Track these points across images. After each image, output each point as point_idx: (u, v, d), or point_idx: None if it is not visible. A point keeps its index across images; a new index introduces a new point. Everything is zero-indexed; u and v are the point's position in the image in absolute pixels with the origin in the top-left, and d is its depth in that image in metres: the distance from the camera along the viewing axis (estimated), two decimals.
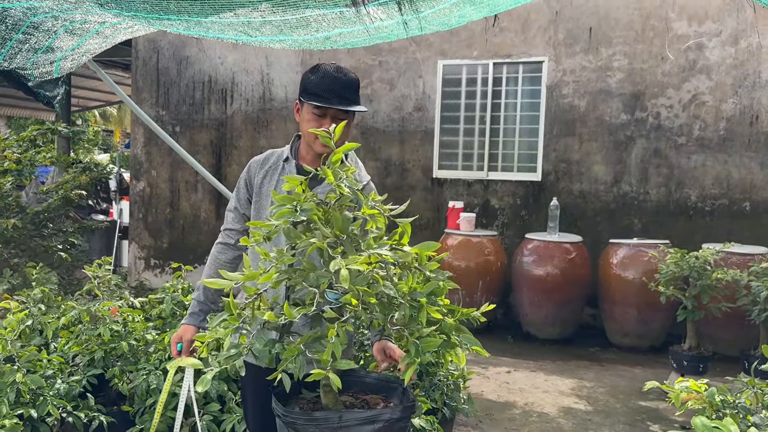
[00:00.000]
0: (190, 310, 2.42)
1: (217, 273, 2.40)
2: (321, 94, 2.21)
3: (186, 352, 2.37)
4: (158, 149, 8.46)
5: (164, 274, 8.47)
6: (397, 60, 7.49)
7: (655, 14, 6.61)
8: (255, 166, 2.41)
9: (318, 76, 2.24)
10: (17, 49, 4.12)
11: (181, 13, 2.89)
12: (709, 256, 4.77)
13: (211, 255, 2.45)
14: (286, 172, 2.34)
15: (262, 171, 2.38)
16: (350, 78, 2.26)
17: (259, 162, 2.42)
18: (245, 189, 2.41)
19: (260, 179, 2.37)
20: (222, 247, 2.44)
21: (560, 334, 6.37)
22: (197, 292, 2.42)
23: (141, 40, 8.30)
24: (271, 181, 2.35)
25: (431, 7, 2.76)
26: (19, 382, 2.93)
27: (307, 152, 2.36)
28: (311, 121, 2.25)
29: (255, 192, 2.37)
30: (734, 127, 6.43)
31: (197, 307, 2.40)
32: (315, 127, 2.21)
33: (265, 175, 2.37)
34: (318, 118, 2.24)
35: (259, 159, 2.43)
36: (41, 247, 5.69)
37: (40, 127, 5.92)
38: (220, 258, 2.42)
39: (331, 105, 2.20)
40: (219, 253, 2.43)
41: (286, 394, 1.76)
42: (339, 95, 2.21)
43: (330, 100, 2.20)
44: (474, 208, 7.22)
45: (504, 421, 4.36)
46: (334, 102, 2.20)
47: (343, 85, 2.23)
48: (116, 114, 23.34)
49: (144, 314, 3.90)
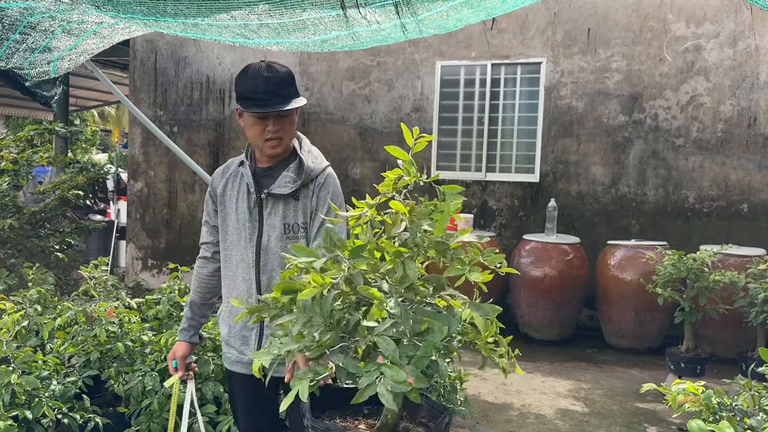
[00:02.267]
0: (180, 327, 2.49)
1: (201, 287, 2.47)
2: (256, 98, 2.17)
3: (182, 368, 2.42)
4: (156, 149, 8.45)
5: (161, 274, 8.46)
6: (395, 61, 7.49)
7: (653, 15, 6.61)
8: (217, 177, 2.43)
9: (250, 79, 2.20)
10: (14, 49, 4.11)
11: (178, 15, 2.88)
12: (706, 257, 4.77)
13: (194, 271, 2.51)
14: (244, 176, 2.34)
15: (223, 180, 2.39)
16: (282, 74, 2.22)
17: (219, 172, 2.44)
18: (211, 201, 2.43)
19: (221, 188, 2.38)
20: (201, 262, 2.48)
21: (558, 335, 6.36)
22: (186, 309, 2.49)
23: (139, 40, 8.29)
24: (234, 188, 2.35)
25: (429, 10, 2.76)
26: (15, 383, 2.92)
27: (261, 154, 2.35)
28: (255, 126, 2.23)
29: (219, 201, 2.38)
30: (732, 129, 6.44)
31: (186, 323, 2.47)
32: (259, 131, 2.22)
33: (226, 183, 2.37)
34: (260, 122, 2.21)
35: (220, 170, 2.45)
36: (38, 248, 5.67)
37: (37, 127, 5.91)
38: (202, 272, 2.47)
39: (268, 109, 2.17)
40: (200, 267, 2.48)
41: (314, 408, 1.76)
42: (275, 94, 2.17)
43: (267, 103, 2.17)
44: (472, 209, 7.21)
45: (501, 422, 4.36)
46: (271, 104, 2.17)
47: (278, 83, 2.19)
48: (114, 114, 23.34)
49: (140, 315, 3.89)
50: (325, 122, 7.80)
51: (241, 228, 2.31)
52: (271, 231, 2.28)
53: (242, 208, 2.31)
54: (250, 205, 2.29)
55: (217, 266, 2.43)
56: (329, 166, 2.38)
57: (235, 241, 2.32)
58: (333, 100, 7.77)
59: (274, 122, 2.20)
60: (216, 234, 2.43)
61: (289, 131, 2.27)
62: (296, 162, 2.31)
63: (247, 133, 2.29)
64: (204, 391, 3.16)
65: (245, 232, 2.30)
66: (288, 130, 2.26)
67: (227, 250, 2.36)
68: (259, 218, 2.29)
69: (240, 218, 2.31)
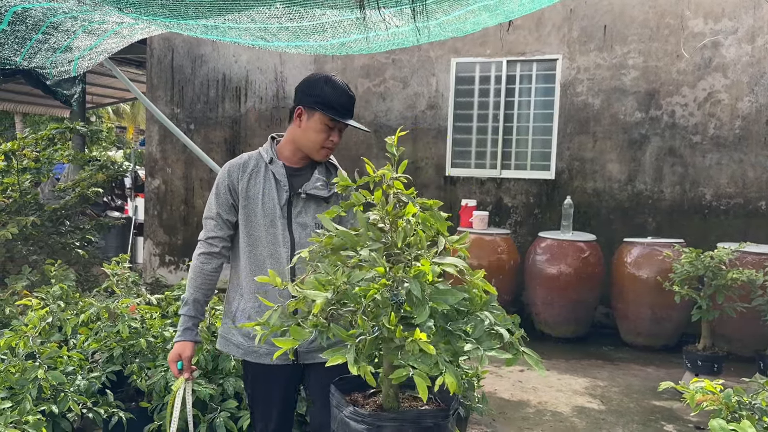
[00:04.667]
0: (183, 327, 2.40)
1: (205, 284, 2.41)
2: (338, 109, 2.32)
3: (187, 369, 2.39)
4: (173, 147, 8.53)
5: (179, 270, 8.54)
6: (410, 58, 7.50)
7: (670, 12, 6.57)
8: (236, 170, 2.41)
9: (335, 90, 2.33)
10: (37, 49, 4.18)
11: (199, 17, 2.91)
12: (724, 255, 4.74)
13: (194, 267, 2.43)
14: (271, 173, 2.37)
15: (245, 175, 2.39)
16: (354, 96, 2.42)
17: (239, 166, 2.42)
18: (228, 194, 2.40)
19: (245, 183, 2.38)
20: (205, 258, 2.42)
21: (573, 332, 6.36)
22: (186, 307, 2.41)
23: (156, 38, 8.36)
24: (258, 184, 2.38)
25: (447, 14, 2.77)
26: (41, 378, 2.98)
27: (293, 154, 2.41)
28: (321, 132, 2.34)
29: (242, 197, 2.38)
30: (750, 126, 6.39)
31: (189, 322, 2.40)
32: (324, 138, 2.34)
33: (249, 179, 2.39)
34: (329, 130, 2.34)
35: (239, 163, 2.43)
36: (59, 244, 5.75)
37: (58, 126, 5.98)
38: (205, 268, 2.41)
39: (347, 120, 2.35)
40: (203, 264, 2.41)
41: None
42: (350, 111, 2.37)
43: (345, 116, 2.35)
44: (487, 207, 7.22)
45: (518, 420, 4.38)
46: (347, 117, 2.36)
47: (353, 103, 2.38)
48: (129, 111, 23.50)
49: (161, 311, 3.94)
50: None
51: (269, 224, 2.34)
52: (301, 229, 2.34)
53: (270, 204, 2.35)
54: (281, 203, 2.34)
55: (222, 262, 2.43)
56: None
57: (263, 238, 2.35)
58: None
59: (338, 135, 2.39)
60: (228, 228, 2.41)
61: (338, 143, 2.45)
62: (323, 166, 2.44)
63: (307, 136, 2.36)
64: (225, 387, 3.21)
65: (275, 229, 2.34)
66: (338, 143, 2.44)
67: (251, 245, 2.37)
68: (288, 216, 2.34)
69: (268, 214, 2.34)
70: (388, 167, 1.82)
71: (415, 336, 1.48)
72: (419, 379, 1.49)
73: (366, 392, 1.89)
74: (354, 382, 1.89)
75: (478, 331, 1.59)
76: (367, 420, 1.67)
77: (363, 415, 1.68)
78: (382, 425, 1.67)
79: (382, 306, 1.55)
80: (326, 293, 1.58)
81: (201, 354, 3.28)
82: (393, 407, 1.74)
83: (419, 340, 1.47)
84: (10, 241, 5.31)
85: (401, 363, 1.54)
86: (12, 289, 4.71)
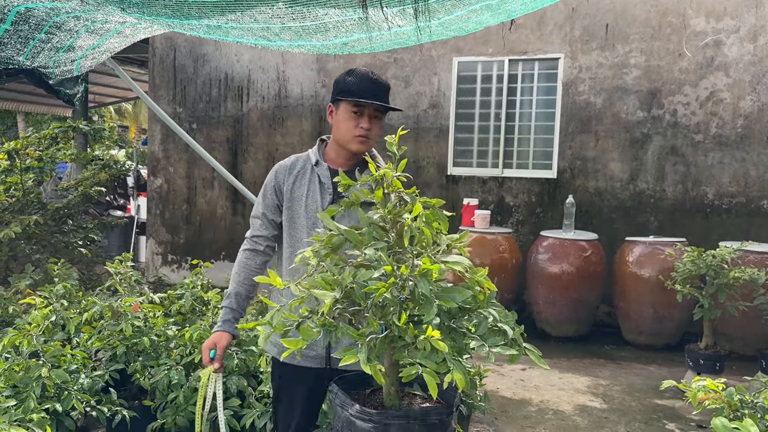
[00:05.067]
0: (223, 318, 2.43)
1: (248, 279, 2.43)
2: (360, 93, 2.29)
3: (219, 360, 2.39)
4: (175, 146, 8.54)
5: (181, 269, 8.56)
6: (412, 57, 7.50)
7: (672, 11, 6.57)
8: (283, 171, 2.44)
9: (355, 77, 2.32)
10: (40, 49, 4.19)
11: (202, 17, 2.92)
12: (726, 254, 4.75)
13: (239, 262, 2.47)
14: (317, 175, 2.38)
15: (291, 176, 2.41)
16: (385, 82, 2.36)
17: (287, 167, 2.44)
18: (274, 195, 2.43)
19: (290, 185, 2.40)
20: (250, 254, 2.45)
21: (575, 331, 6.37)
22: (228, 300, 2.44)
23: (158, 37, 8.37)
24: (302, 186, 2.38)
25: (449, 13, 2.78)
26: (45, 376, 2.99)
27: (338, 155, 2.41)
28: (349, 120, 2.32)
29: (286, 198, 2.40)
30: (752, 125, 6.39)
31: (230, 314, 2.42)
32: (353, 126, 2.31)
33: (294, 181, 2.40)
34: (356, 117, 2.31)
35: (287, 164, 2.46)
36: (62, 243, 5.77)
37: (61, 125, 5.99)
38: (250, 264, 2.44)
39: (372, 101, 2.28)
40: (248, 259, 2.45)
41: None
42: (375, 95, 2.30)
43: (368, 99, 2.29)
44: (489, 206, 7.22)
45: (520, 418, 4.38)
46: (370, 100, 2.29)
47: (379, 88, 2.32)
48: (131, 110, 23.53)
49: (164, 310, 3.96)
50: None
51: (311, 226, 2.34)
52: None
53: (313, 206, 2.35)
54: (324, 205, 2.33)
55: (266, 260, 2.44)
56: None
57: (304, 239, 2.34)
58: None
59: (368, 121, 2.32)
60: (273, 228, 2.44)
61: (376, 135, 2.39)
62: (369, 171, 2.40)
63: (339, 128, 2.35)
64: (228, 385, 3.21)
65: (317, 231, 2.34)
66: (375, 133, 2.38)
67: (293, 246, 2.37)
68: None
69: (310, 216, 2.35)
70: (389, 166, 1.83)
71: (428, 334, 1.49)
72: (428, 376, 1.50)
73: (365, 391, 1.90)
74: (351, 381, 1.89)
75: (482, 328, 1.59)
76: (374, 419, 1.67)
77: (370, 413, 1.68)
78: (390, 423, 1.67)
79: (390, 304, 1.56)
80: (334, 293, 1.58)
81: None
82: (394, 405, 1.74)
83: (431, 337, 1.48)
84: (14, 240, 5.32)
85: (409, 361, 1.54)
86: (15, 288, 4.72)
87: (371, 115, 2.33)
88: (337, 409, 1.80)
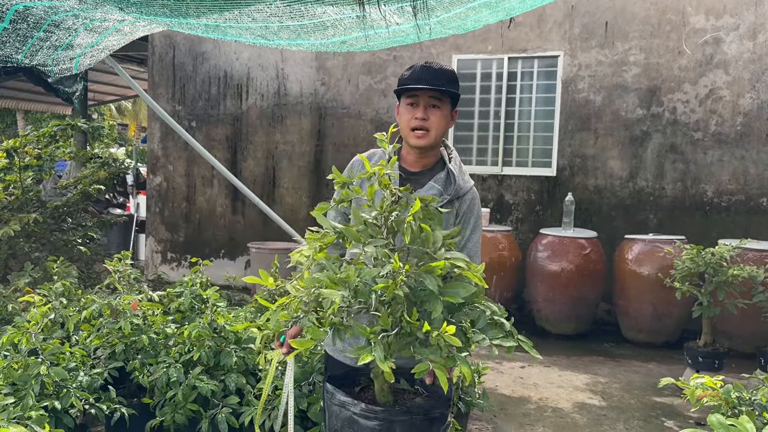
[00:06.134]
0: None
1: None
2: (410, 82, 2.21)
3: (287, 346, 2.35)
4: (175, 144, 8.54)
5: (181, 267, 8.56)
6: (411, 55, 7.49)
7: (672, 8, 6.57)
8: (357, 165, 2.35)
9: (408, 70, 2.25)
10: (38, 47, 4.18)
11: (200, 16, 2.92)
12: (725, 252, 4.75)
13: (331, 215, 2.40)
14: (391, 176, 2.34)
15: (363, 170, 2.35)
16: (442, 68, 2.24)
17: (362, 162, 2.35)
18: None
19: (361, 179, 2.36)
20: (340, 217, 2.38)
21: (575, 329, 6.37)
22: None
23: (157, 35, 8.37)
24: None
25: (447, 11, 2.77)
26: (44, 374, 2.99)
27: (408, 153, 2.33)
28: (406, 113, 2.24)
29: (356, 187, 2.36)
30: (751, 122, 6.39)
31: None
32: (408, 119, 2.21)
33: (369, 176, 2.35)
34: (411, 109, 2.23)
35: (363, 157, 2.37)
36: (61, 241, 5.76)
37: (60, 123, 5.98)
38: None
39: (417, 85, 2.17)
40: None
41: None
42: (428, 82, 2.18)
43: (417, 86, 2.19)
44: (488, 204, 7.22)
45: (518, 416, 4.39)
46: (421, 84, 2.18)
47: (434, 74, 2.21)
48: (131, 108, 23.53)
49: (163, 308, 3.95)
50: (341, 117, 7.84)
51: None
52: None
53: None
54: None
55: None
56: (474, 186, 2.35)
57: None
58: (350, 95, 7.80)
59: (423, 111, 2.20)
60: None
61: (438, 126, 2.23)
62: (444, 173, 2.29)
63: (400, 123, 2.28)
64: (227, 383, 3.22)
65: None
66: (436, 124, 2.23)
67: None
68: None
69: None
70: (383, 163, 1.83)
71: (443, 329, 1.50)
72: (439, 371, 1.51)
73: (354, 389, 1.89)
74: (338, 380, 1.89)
75: (482, 322, 1.61)
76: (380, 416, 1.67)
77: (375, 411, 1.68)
78: (395, 420, 1.68)
79: (399, 301, 1.56)
80: (342, 291, 1.58)
81: (203, 350, 3.29)
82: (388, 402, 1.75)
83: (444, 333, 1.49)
84: (13, 238, 5.32)
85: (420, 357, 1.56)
86: (14, 286, 4.72)
87: (427, 104, 2.21)
88: (334, 409, 1.80)
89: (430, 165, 2.32)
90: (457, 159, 2.37)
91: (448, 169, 2.28)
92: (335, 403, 1.80)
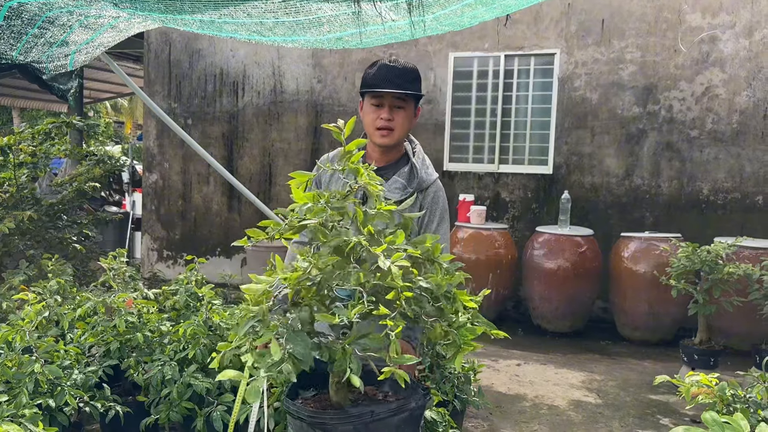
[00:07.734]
0: None
1: None
2: (376, 84, 2.24)
3: None
4: (170, 142, 8.52)
5: (177, 265, 8.54)
6: (407, 52, 7.48)
7: (668, 6, 6.57)
8: (323, 163, 2.37)
9: (372, 68, 2.28)
10: (33, 44, 4.16)
11: (195, 12, 2.91)
12: (721, 250, 4.75)
13: (288, 254, 2.43)
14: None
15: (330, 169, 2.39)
16: (406, 67, 2.27)
17: (328, 159, 2.41)
18: (315, 187, 2.41)
19: (329, 177, 2.37)
20: (296, 245, 2.41)
21: (570, 327, 6.38)
22: None
23: (153, 32, 8.34)
24: (339, 180, 2.34)
25: (443, 8, 2.77)
26: (38, 372, 2.98)
27: (373, 150, 2.37)
28: (370, 113, 2.29)
29: (324, 188, 2.37)
30: (747, 120, 6.39)
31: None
32: (373, 119, 2.26)
33: (333, 173, 2.36)
34: (376, 109, 2.27)
35: (330, 156, 2.43)
36: (56, 239, 5.74)
37: (55, 120, 5.96)
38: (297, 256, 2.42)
39: (382, 89, 2.21)
40: (293, 251, 2.41)
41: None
42: (393, 83, 2.22)
43: (383, 86, 2.23)
44: (484, 201, 7.22)
45: (514, 413, 4.39)
46: (386, 87, 2.22)
47: (398, 74, 2.24)
48: (127, 105, 23.47)
49: (158, 306, 3.94)
50: (338, 114, 7.82)
51: None
52: None
53: None
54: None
55: None
56: (438, 179, 2.39)
57: None
58: (346, 92, 7.79)
59: (389, 111, 2.25)
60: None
61: (401, 125, 2.29)
62: (408, 168, 2.34)
63: (364, 122, 2.32)
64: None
65: None
66: (400, 124, 2.28)
67: None
68: None
69: None
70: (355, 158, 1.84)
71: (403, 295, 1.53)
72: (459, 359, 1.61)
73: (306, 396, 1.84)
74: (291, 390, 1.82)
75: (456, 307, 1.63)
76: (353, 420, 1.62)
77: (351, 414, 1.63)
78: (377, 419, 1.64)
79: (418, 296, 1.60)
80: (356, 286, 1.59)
81: (198, 348, 3.29)
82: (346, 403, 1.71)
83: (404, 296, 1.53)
84: (7, 235, 5.30)
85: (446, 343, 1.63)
86: (9, 284, 4.70)
87: (392, 105, 2.26)
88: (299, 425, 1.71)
89: (394, 160, 2.37)
90: (421, 152, 2.42)
91: (412, 163, 2.34)
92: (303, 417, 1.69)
